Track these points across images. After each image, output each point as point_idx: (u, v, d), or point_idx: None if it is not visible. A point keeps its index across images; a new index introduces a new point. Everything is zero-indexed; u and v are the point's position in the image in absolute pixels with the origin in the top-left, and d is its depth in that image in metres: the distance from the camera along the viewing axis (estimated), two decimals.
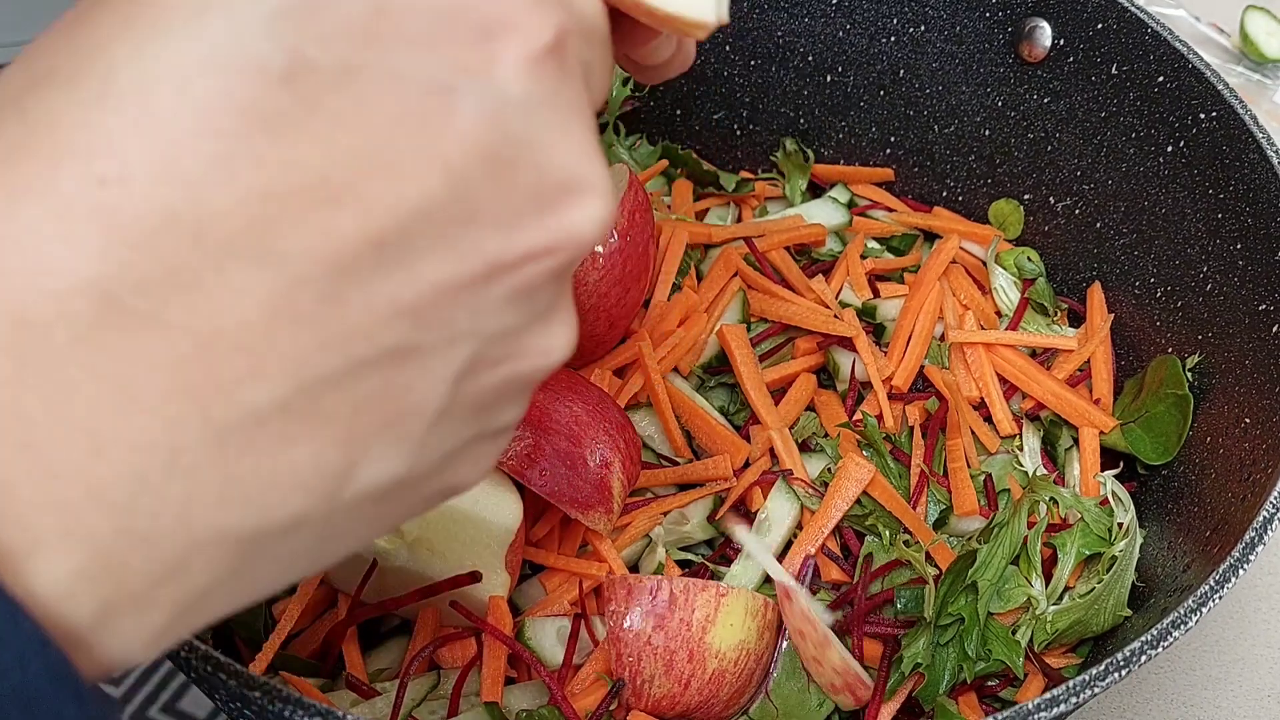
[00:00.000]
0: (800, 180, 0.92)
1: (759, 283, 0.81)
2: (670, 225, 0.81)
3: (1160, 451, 0.75)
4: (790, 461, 0.73)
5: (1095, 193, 0.84)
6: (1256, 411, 0.68)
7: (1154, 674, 0.79)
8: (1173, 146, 0.78)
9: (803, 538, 0.70)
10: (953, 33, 0.86)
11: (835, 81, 0.91)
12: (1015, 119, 0.86)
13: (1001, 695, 0.69)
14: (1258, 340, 0.70)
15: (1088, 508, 0.73)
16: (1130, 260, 0.82)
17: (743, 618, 0.64)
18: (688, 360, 0.77)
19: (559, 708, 0.62)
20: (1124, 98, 0.80)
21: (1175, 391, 0.74)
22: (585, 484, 0.66)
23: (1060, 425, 0.78)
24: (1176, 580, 0.67)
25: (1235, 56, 1.14)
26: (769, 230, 0.84)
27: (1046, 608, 0.69)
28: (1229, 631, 0.81)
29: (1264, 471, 0.64)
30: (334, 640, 0.66)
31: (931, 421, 0.77)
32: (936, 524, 0.74)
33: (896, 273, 0.86)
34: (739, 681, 0.64)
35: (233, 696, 0.49)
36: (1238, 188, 0.73)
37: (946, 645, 0.67)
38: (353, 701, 0.63)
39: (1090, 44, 0.80)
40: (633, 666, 0.62)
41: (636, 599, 0.62)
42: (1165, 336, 0.79)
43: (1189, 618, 0.55)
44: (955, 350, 0.80)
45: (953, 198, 0.92)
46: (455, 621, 0.65)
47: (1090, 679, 0.53)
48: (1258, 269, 0.71)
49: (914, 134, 0.91)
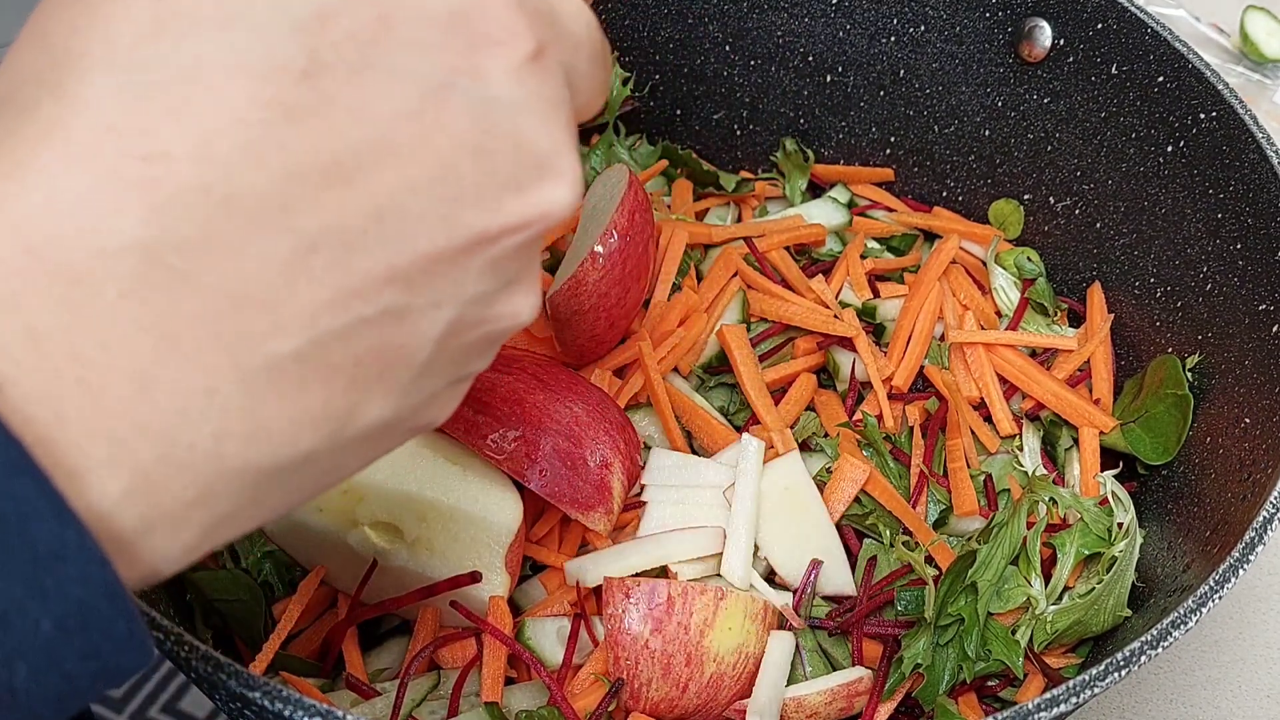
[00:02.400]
0: (800, 180, 0.92)
1: (759, 283, 0.81)
2: (670, 225, 0.81)
3: (1160, 451, 0.75)
4: None
5: (1095, 193, 0.84)
6: (1256, 411, 0.68)
7: (1154, 674, 0.79)
8: (1173, 146, 0.78)
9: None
10: (953, 33, 0.86)
11: (835, 81, 0.91)
12: (1015, 119, 0.86)
13: (1001, 695, 0.69)
14: (1258, 340, 0.70)
15: (1087, 508, 0.73)
16: (1130, 260, 0.82)
17: (741, 621, 0.64)
18: (688, 360, 0.77)
19: (559, 708, 0.62)
20: (1124, 98, 0.80)
21: (1175, 391, 0.74)
22: (585, 484, 0.66)
23: (1060, 425, 0.78)
24: (1176, 580, 0.67)
25: (1235, 56, 1.14)
26: (769, 230, 0.84)
27: (1046, 608, 0.69)
28: (1229, 631, 0.81)
29: (1264, 471, 0.64)
30: (334, 640, 0.66)
31: (931, 421, 0.77)
32: (936, 524, 0.74)
33: (896, 273, 0.86)
34: (737, 685, 0.64)
35: (233, 696, 0.49)
36: (1238, 188, 0.73)
37: (946, 645, 0.67)
38: (353, 701, 0.63)
39: (1090, 44, 0.80)
40: (630, 670, 0.62)
41: (634, 601, 0.62)
42: (1165, 336, 0.79)
43: (1189, 618, 0.55)
44: (955, 350, 0.80)
45: (953, 198, 0.92)
46: (455, 621, 0.65)
47: (1090, 679, 0.53)
48: (1258, 269, 0.71)
49: (914, 134, 0.91)
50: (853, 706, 0.66)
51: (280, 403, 0.31)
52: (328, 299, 0.31)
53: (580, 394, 0.68)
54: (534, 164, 0.33)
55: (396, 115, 0.31)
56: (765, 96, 0.92)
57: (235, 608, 0.67)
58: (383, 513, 0.65)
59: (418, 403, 0.35)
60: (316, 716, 0.47)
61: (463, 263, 0.33)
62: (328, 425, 0.32)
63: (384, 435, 0.35)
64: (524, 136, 0.33)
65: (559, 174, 0.34)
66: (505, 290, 0.35)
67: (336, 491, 0.65)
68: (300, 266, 0.30)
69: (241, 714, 0.52)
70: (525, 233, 0.34)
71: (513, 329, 0.37)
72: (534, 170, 0.33)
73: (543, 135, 0.33)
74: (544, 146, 0.33)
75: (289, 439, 0.31)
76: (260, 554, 0.69)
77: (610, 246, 0.71)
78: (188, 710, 0.76)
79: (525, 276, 0.36)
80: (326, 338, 0.31)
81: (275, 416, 0.31)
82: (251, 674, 0.47)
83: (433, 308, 0.33)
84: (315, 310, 0.31)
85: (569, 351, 0.74)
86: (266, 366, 0.30)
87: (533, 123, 0.33)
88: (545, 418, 0.66)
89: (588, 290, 0.70)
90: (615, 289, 0.71)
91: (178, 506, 0.30)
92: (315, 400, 0.31)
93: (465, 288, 0.33)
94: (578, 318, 0.71)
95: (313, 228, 0.30)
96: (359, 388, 0.32)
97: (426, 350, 0.34)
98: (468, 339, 0.35)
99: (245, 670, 0.48)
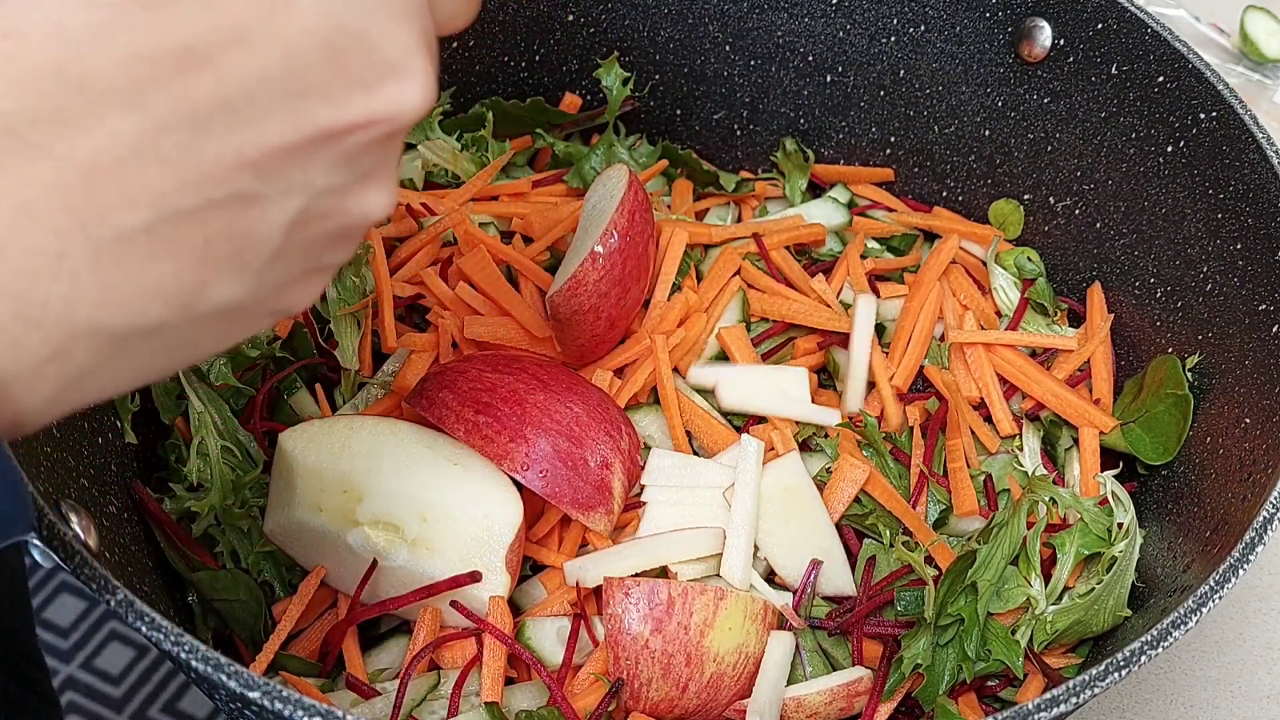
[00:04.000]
0: (800, 180, 0.92)
1: (760, 281, 0.81)
2: (670, 225, 0.81)
3: (1160, 451, 0.75)
4: None
5: (1095, 193, 0.84)
6: (1256, 411, 0.68)
7: (1154, 674, 0.79)
8: (1173, 146, 0.78)
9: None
10: (953, 33, 0.86)
11: (835, 81, 0.91)
12: (1015, 119, 0.86)
13: (1001, 695, 0.69)
14: (1258, 340, 0.70)
15: (1087, 508, 0.73)
16: (1130, 260, 0.82)
17: (741, 621, 0.64)
18: (688, 360, 0.77)
19: (559, 708, 0.62)
20: (1124, 98, 0.80)
21: (1175, 391, 0.74)
22: (585, 484, 0.66)
23: (1060, 425, 0.79)
24: (1176, 580, 0.67)
25: (1235, 56, 1.14)
26: (769, 230, 0.84)
27: (1046, 608, 0.69)
28: (1229, 631, 0.81)
29: (1264, 471, 0.64)
30: (334, 640, 0.66)
31: (931, 421, 0.77)
32: (936, 524, 0.74)
33: (896, 273, 0.86)
34: (737, 685, 0.64)
35: (233, 696, 0.49)
36: (1238, 188, 0.73)
37: (946, 645, 0.67)
38: (353, 701, 0.63)
39: (1090, 44, 0.80)
40: (630, 669, 0.62)
41: (634, 601, 0.62)
42: (1165, 336, 0.79)
43: (1189, 618, 0.55)
44: (955, 350, 0.80)
45: (953, 198, 0.92)
46: (455, 621, 0.65)
47: (1090, 679, 0.53)
48: (1258, 269, 0.71)
49: (914, 134, 0.91)
50: (853, 706, 0.66)
51: (129, 271, 0.33)
52: (176, 179, 0.33)
53: (580, 394, 0.68)
54: (383, 63, 0.35)
55: (248, 5, 0.32)
56: (765, 96, 0.92)
57: (235, 608, 0.67)
58: (383, 513, 0.65)
59: (272, 287, 0.37)
60: (316, 716, 0.47)
61: (311, 154, 0.35)
62: (178, 299, 0.34)
63: (239, 316, 0.37)
64: (373, 37, 0.34)
65: (409, 75, 0.35)
66: (358, 185, 0.37)
67: (337, 491, 0.65)
68: (149, 146, 0.32)
69: (241, 714, 0.52)
70: (374, 130, 0.35)
71: (365, 223, 0.38)
72: (383, 70, 0.35)
73: (392, 37, 0.35)
74: (392, 48, 0.35)
75: (139, 308, 0.34)
76: (260, 554, 0.69)
77: (610, 246, 0.71)
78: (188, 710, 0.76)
79: (379, 173, 0.38)
80: (175, 216, 0.33)
81: (125, 285, 0.33)
82: (251, 674, 0.47)
83: (282, 195, 0.35)
84: (164, 189, 0.32)
85: (569, 351, 0.74)
86: (116, 237, 0.32)
87: (383, 23, 0.35)
88: (545, 418, 0.66)
89: (588, 290, 0.70)
90: (615, 289, 0.71)
91: (33, 361, 0.33)
92: (165, 273, 0.34)
93: (314, 179, 0.35)
94: (578, 318, 0.71)
95: (162, 109, 0.32)
96: (209, 266, 0.35)
97: (277, 237, 0.36)
98: (320, 230, 0.37)
99: (245, 670, 0.48)
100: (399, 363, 0.76)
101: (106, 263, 0.32)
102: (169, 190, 0.33)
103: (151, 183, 0.32)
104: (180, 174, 0.33)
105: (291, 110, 0.34)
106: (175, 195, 0.33)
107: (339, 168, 0.36)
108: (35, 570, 0.81)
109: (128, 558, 0.61)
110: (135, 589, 0.50)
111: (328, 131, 0.35)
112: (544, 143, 0.90)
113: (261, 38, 0.33)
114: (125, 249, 0.33)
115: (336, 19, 0.34)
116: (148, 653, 0.78)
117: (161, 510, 0.67)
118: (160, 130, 0.32)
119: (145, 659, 0.78)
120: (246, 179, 0.34)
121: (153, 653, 0.78)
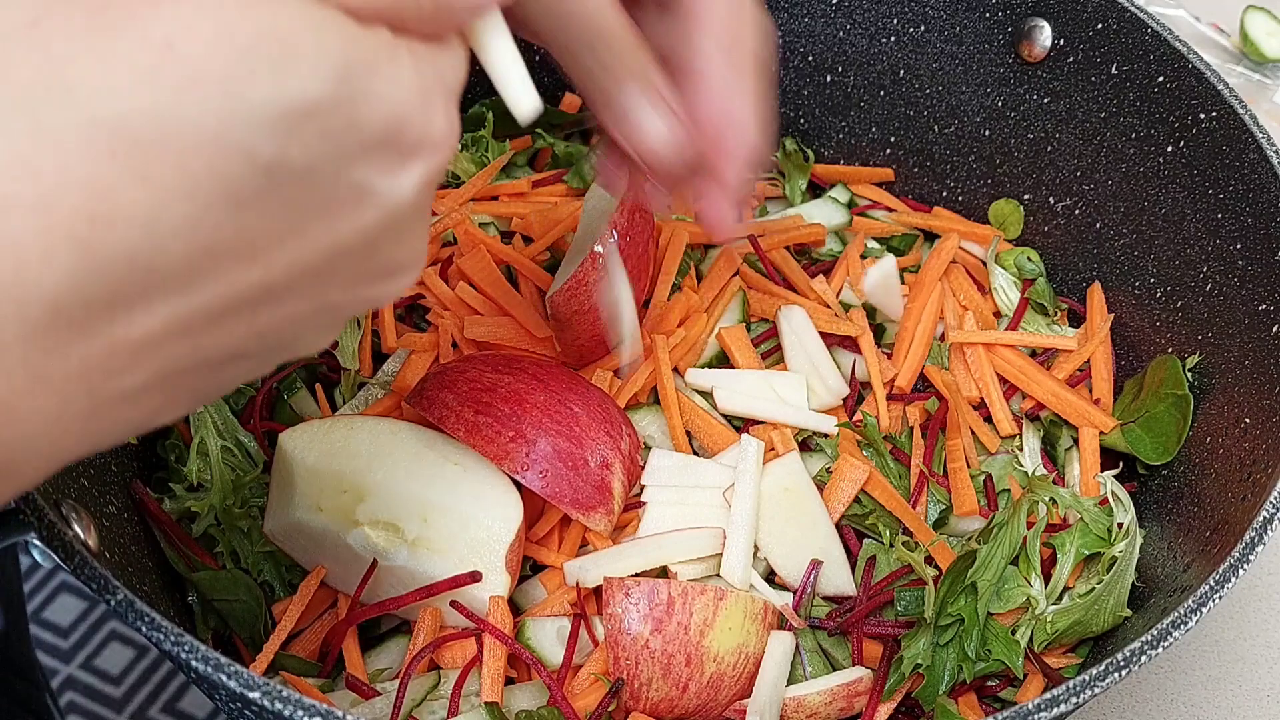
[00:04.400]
0: (800, 180, 0.92)
1: (760, 282, 0.81)
2: (670, 225, 0.81)
3: (1160, 451, 0.75)
4: None
5: (1095, 193, 0.84)
6: (1256, 411, 0.68)
7: (1154, 674, 0.79)
8: (1173, 146, 0.78)
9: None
10: (953, 33, 0.86)
11: (835, 81, 0.91)
12: (1015, 119, 0.86)
13: (1001, 695, 0.69)
14: (1258, 340, 0.70)
15: (1087, 508, 0.73)
16: (1130, 260, 0.82)
17: (741, 621, 0.64)
18: (688, 360, 0.77)
19: (559, 708, 0.62)
20: (1124, 98, 0.80)
21: (1175, 391, 0.74)
22: (585, 484, 0.66)
23: (1060, 425, 0.78)
24: (1176, 580, 0.67)
25: (1235, 56, 1.14)
26: (769, 230, 0.84)
27: (1046, 608, 0.69)
28: (1229, 631, 0.81)
29: (1264, 471, 0.64)
30: (334, 640, 0.66)
31: (931, 421, 0.77)
32: (936, 524, 0.74)
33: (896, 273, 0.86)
34: (737, 685, 0.64)
35: (233, 696, 0.49)
36: (1238, 188, 0.73)
37: (946, 645, 0.67)
38: (353, 701, 0.63)
39: (1090, 44, 0.80)
40: (630, 670, 0.62)
41: (634, 601, 0.62)
42: (1165, 336, 0.79)
43: (1189, 618, 0.55)
44: (955, 350, 0.80)
45: (953, 198, 0.92)
46: (455, 621, 0.65)
47: (1090, 679, 0.53)
48: (1258, 269, 0.71)
49: (914, 134, 0.91)
50: (853, 706, 0.66)
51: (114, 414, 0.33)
52: (190, 349, 0.33)
53: (580, 394, 0.68)
54: (397, 267, 0.38)
55: (319, 208, 0.33)
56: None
57: (235, 608, 0.67)
58: (383, 513, 0.65)
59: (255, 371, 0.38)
60: (316, 716, 0.47)
61: (306, 320, 0.36)
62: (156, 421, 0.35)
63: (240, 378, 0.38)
64: (400, 258, 0.37)
65: (412, 274, 0.39)
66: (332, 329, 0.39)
67: (336, 491, 0.65)
68: (178, 326, 0.32)
69: (241, 714, 0.52)
70: (373, 304, 0.39)
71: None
72: (397, 270, 0.38)
73: (415, 245, 0.38)
74: (412, 255, 0.38)
75: (116, 435, 0.34)
76: (260, 554, 0.69)
77: (610, 247, 0.71)
78: (188, 710, 0.76)
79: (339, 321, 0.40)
80: (176, 373, 0.34)
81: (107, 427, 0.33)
82: (251, 674, 0.47)
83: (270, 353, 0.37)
84: (176, 354, 0.33)
85: (569, 352, 0.74)
86: (115, 395, 0.32)
87: (416, 232, 0.38)
88: (545, 418, 0.66)
89: (588, 290, 0.70)
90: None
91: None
92: (149, 407, 0.34)
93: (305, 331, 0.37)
94: (578, 318, 0.71)
95: (206, 296, 0.32)
96: (193, 399, 0.36)
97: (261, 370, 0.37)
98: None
99: (245, 670, 0.48)
100: (399, 363, 0.76)
101: (98, 414, 0.32)
102: (180, 355, 0.33)
103: (165, 353, 0.33)
104: (196, 348, 0.33)
105: (312, 295, 0.35)
106: (182, 359, 0.33)
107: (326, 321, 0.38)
108: (35, 570, 0.81)
109: (128, 558, 0.61)
110: (135, 589, 0.50)
111: (331, 307, 0.37)
112: (544, 143, 0.90)
113: (321, 239, 0.34)
114: (118, 402, 0.33)
115: (388, 221, 0.35)
116: (148, 653, 0.78)
117: (161, 510, 0.67)
118: (194, 313, 0.32)
119: (145, 659, 0.78)
120: (250, 343, 0.35)
121: (153, 653, 0.78)
